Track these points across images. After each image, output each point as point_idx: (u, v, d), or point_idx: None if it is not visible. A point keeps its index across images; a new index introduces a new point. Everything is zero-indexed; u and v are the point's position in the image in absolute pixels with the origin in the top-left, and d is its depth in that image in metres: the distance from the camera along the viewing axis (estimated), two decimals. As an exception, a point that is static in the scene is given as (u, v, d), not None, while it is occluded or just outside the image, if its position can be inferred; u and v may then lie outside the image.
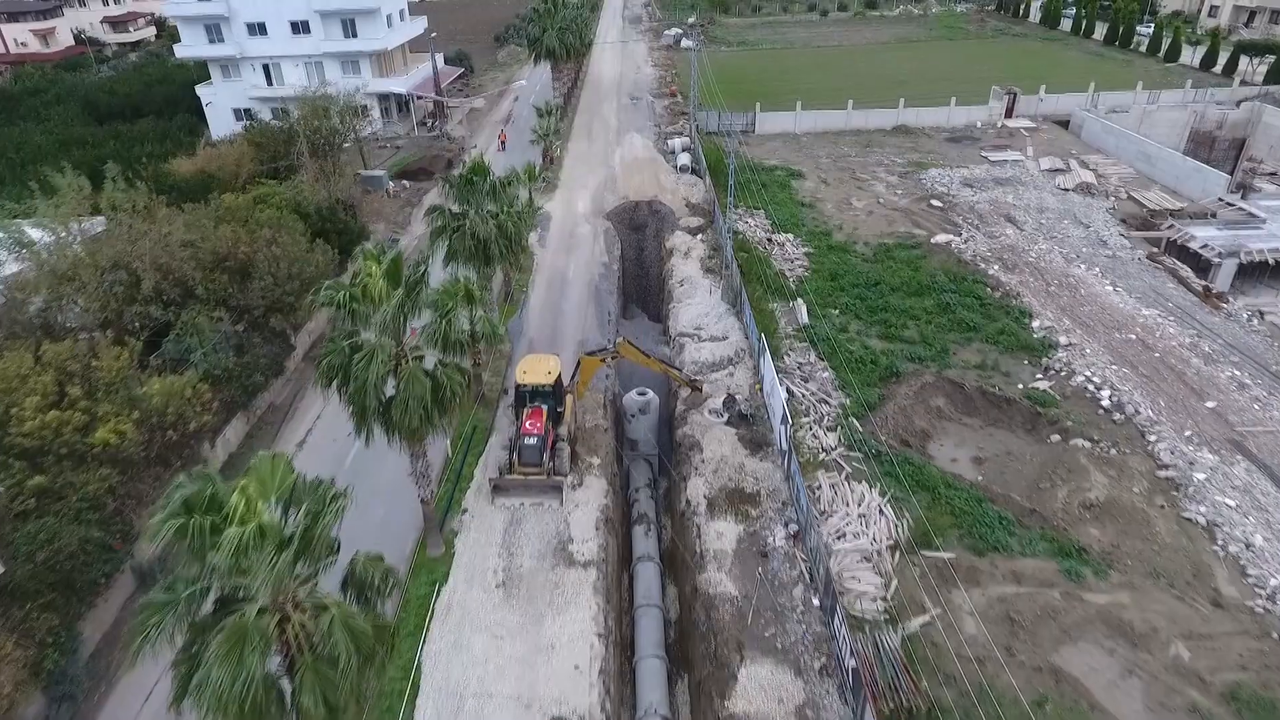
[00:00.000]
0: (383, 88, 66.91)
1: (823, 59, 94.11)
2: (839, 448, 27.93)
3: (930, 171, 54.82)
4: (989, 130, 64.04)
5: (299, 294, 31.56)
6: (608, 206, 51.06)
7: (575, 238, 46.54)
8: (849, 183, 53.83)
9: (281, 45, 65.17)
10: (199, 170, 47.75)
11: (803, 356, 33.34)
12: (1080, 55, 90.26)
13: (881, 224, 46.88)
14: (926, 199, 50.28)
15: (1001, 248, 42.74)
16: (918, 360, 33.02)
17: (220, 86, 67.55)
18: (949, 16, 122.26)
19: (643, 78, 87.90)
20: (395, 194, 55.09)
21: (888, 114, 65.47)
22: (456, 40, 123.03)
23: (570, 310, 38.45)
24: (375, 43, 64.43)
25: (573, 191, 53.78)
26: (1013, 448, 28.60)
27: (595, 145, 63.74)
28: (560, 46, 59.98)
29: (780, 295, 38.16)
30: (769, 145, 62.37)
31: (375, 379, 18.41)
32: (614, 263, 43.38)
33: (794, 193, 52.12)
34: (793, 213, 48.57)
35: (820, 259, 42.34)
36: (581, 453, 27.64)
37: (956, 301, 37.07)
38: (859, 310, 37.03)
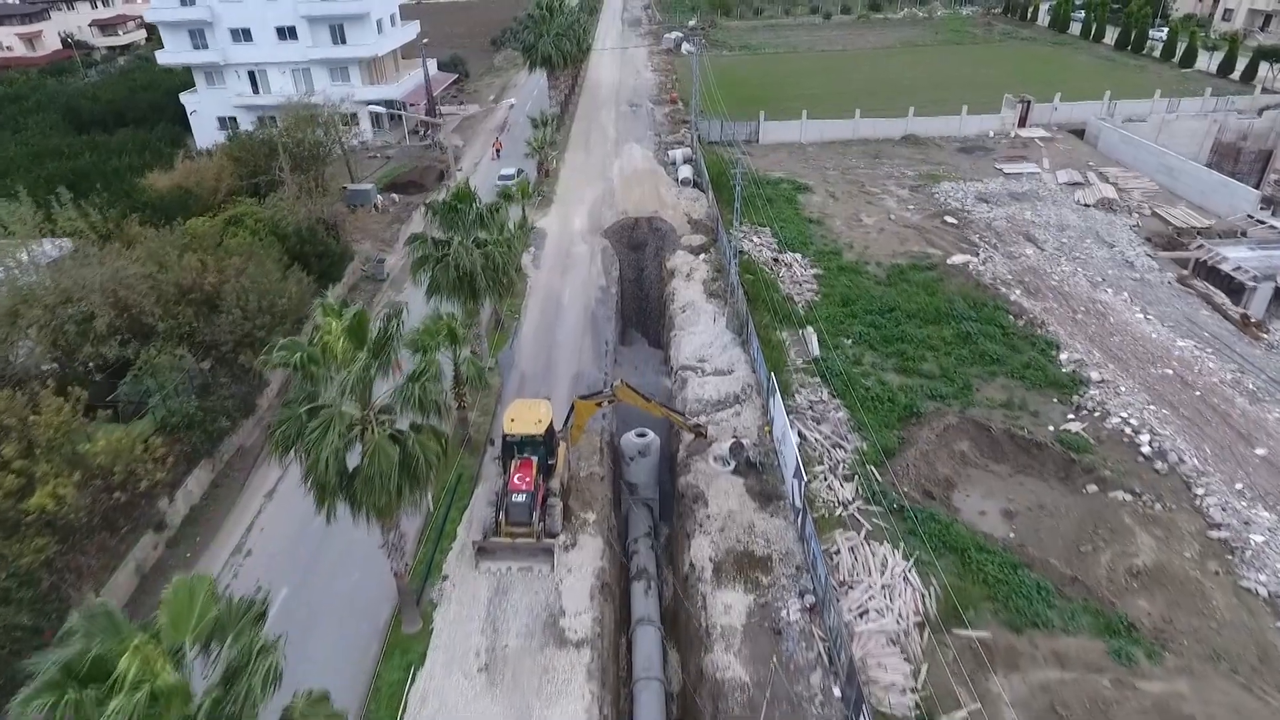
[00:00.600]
0: (373, 95, 64.50)
1: (827, 64, 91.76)
2: (857, 501, 25.54)
3: (943, 185, 52.44)
4: (1002, 140, 61.66)
5: (270, 328, 29.18)
6: (606, 223, 48.69)
7: (571, 257, 44.15)
8: (858, 197, 51.44)
9: (267, 51, 62.82)
10: (175, 185, 45.34)
11: (814, 394, 30.95)
12: (1091, 60, 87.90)
13: (894, 242, 44.50)
14: (940, 215, 47.89)
15: (1022, 270, 40.34)
16: (938, 398, 30.64)
17: (205, 94, 65.23)
18: (954, 20, 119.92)
19: (642, 83, 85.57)
20: (384, 208, 52.70)
21: (896, 123, 63.10)
22: (453, 43, 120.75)
23: (565, 339, 36.05)
24: (365, 49, 62.07)
25: (569, 207, 51.39)
26: (1046, 499, 26.22)
27: (593, 156, 61.36)
28: (557, 54, 57.61)
29: (789, 322, 35.76)
30: (773, 156, 60.00)
31: (333, 452, 16.02)
32: (612, 285, 40.98)
33: (801, 208, 49.74)
34: (800, 230, 46.18)
35: (830, 281, 39.95)
36: (575, 507, 25.27)
37: (977, 331, 34.67)
38: (873, 340, 34.63)
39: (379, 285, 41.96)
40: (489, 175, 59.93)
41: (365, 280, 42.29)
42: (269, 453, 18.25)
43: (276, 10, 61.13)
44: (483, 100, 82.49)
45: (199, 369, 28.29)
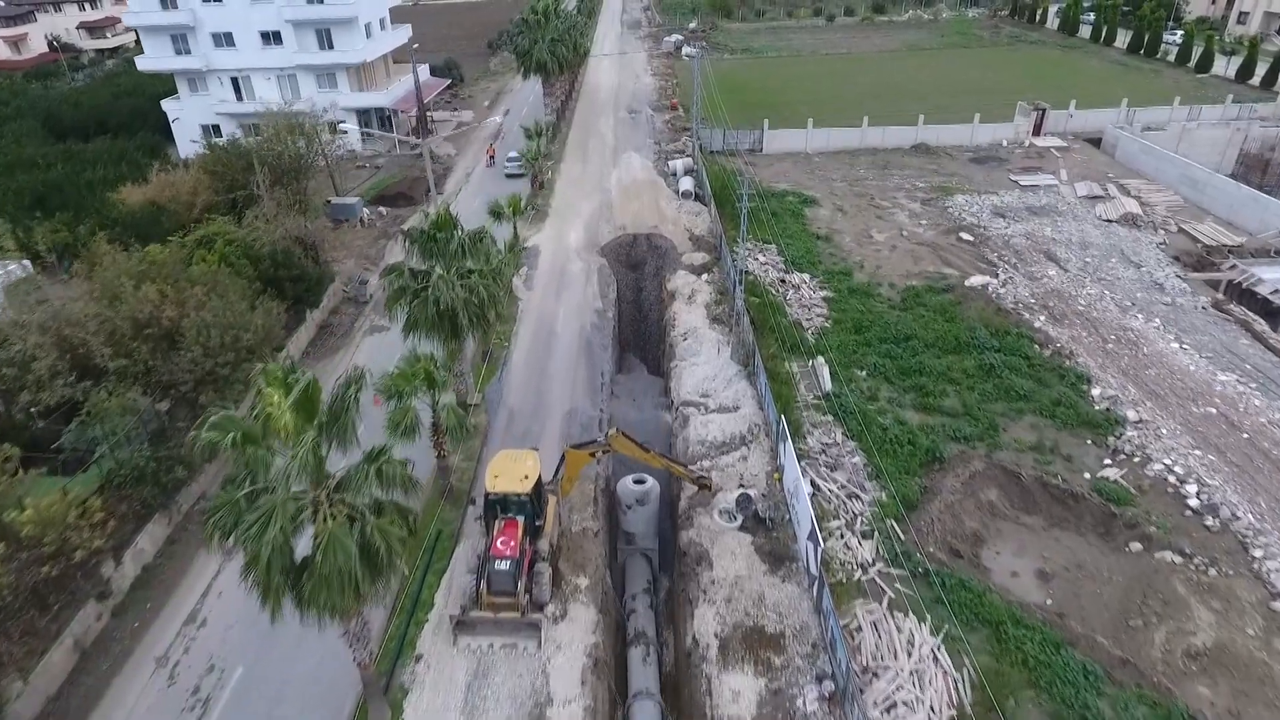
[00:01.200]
0: (361, 102, 62.10)
1: (831, 68, 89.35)
2: (877, 563, 23.10)
3: (956, 198, 49.99)
4: (1016, 150, 59.21)
5: (236, 364, 26.74)
6: (603, 239, 46.25)
7: (566, 277, 41.69)
8: (868, 211, 48.99)
9: (251, 57, 60.39)
10: (148, 201, 42.92)
11: (827, 434, 28.50)
12: (1103, 65, 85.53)
13: (907, 262, 42.05)
14: (955, 231, 45.45)
15: (1045, 293, 37.90)
16: (962, 439, 28.19)
17: (187, 101, 62.82)
18: (960, 22, 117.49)
19: (641, 88, 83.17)
20: (370, 223, 50.26)
21: (906, 132, 60.64)
22: (448, 46, 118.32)
23: (558, 370, 33.58)
24: (353, 55, 59.63)
25: (564, 222, 48.94)
26: (1085, 558, 23.79)
27: (590, 166, 58.91)
28: (552, 60, 55.11)
29: (797, 352, 33.33)
30: (778, 166, 57.56)
31: (276, 548, 13.57)
32: (609, 308, 38.54)
33: (808, 223, 47.30)
34: (808, 247, 43.75)
35: (841, 305, 37.52)
36: (565, 570, 22.82)
37: (1001, 362, 32.20)
38: (889, 372, 32.18)
39: (361, 308, 39.52)
40: (482, 184, 57.62)
41: (347, 302, 39.85)
42: (204, 541, 15.70)
43: (260, 14, 58.69)
44: (477, 106, 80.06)
45: (155, 411, 25.82)
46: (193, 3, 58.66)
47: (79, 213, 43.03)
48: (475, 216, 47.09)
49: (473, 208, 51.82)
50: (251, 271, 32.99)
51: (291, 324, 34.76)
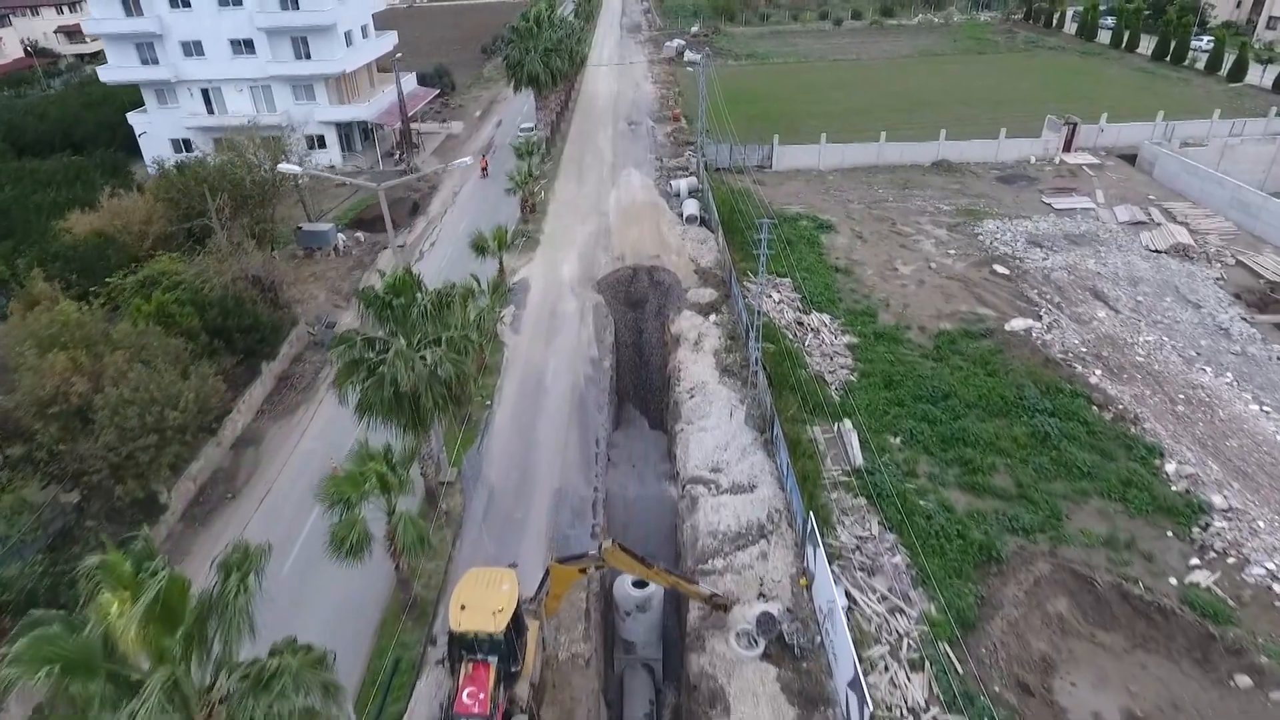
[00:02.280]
0: (341, 115, 57.86)
1: (841, 75, 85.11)
2: (932, 709, 18.84)
3: (986, 224, 45.73)
4: (1045, 168, 54.96)
5: (161, 447, 22.51)
6: (599, 270, 41.99)
7: (558, 317, 37.43)
8: (890, 238, 44.73)
9: (222, 67, 56.16)
10: (96, 231, 38.67)
11: (861, 524, 24.25)
12: (1126, 72, 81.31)
13: (937, 299, 37.81)
14: (987, 263, 41.21)
15: (1098, 340, 33.64)
16: (1021, 531, 23.96)
17: (155, 114, 58.59)
18: (972, 26, 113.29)
19: (642, 96, 78.97)
20: (346, 250, 45.98)
21: (926, 148, 56.40)
22: (442, 50, 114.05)
23: (547, 435, 29.29)
24: (331, 65, 55.38)
25: (557, 250, 44.67)
26: (1181, 694, 19.57)
27: (586, 186, 54.66)
28: (545, 72, 50.83)
29: (820, 412, 29.07)
30: (790, 186, 53.32)
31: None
32: (605, 356, 34.28)
33: (825, 252, 43.05)
34: (826, 281, 39.52)
35: (868, 353, 33.27)
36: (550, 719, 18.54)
37: (1056, 429, 27.95)
38: (927, 440, 27.93)
39: (328, 354, 35.18)
40: (471, 199, 53.47)
41: (312, 349, 35.56)
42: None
43: (231, 21, 54.46)
44: (468, 116, 75.82)
45: (59, 507, 21.56)
46: (159, 8, 54.45)
47: (21, 243, 38.91)
48: (460, 248, 42.97)
49: (459, 232, 47.63)
50: (196, 322, 28.72)
51: (244, 379, 30.50)
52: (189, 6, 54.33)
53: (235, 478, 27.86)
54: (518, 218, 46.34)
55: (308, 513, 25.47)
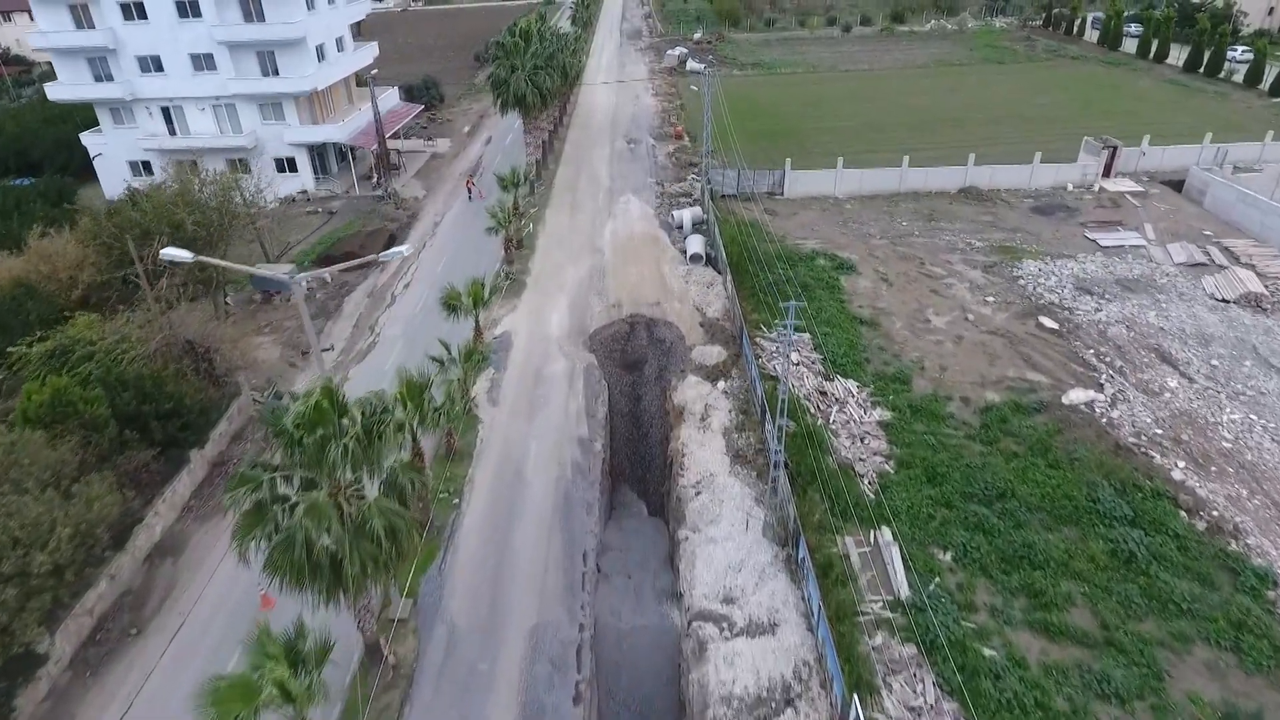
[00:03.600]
0: (312, 137, 52.99)
1: (854, 87, 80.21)
2: None
3: (1026, 264, 40.82)
4: (1084, 196, 50.02)
5: (25, 598, 17.61)
6: (592, 319, 37.11)
7: (544, 382, 32.53)
8: (919, 281, 39.83)
9: (182, 84, 51.31)
10: (17, 279, 33.84)
11: (910, 685, 19.36)
12: (1157, 85, 76.40)
13: (979, 360, 32.91)
14: (1032, 313, 36.32)
15: (1173, 417, 28.74)
16: (1114, 697, 19.08)
17: (111, 135, 53.73)
18: (987, 33, 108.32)
19: (642, 110, 74.06)
20: (310, 293, 41.05)
21: (952, 173, 51.49)
22: (432, 58, 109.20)
23: (525, 547, 24.36)
24: (301, 82, 50.49)
25: (545, 295, 39.77)
26: None
27: (580, 216, 49.74)
28: (533, 93, 45.77)
29: (851, 514, 24.19)
30: (803, 216, 48.43)
31: None
32: (597, 434, 29.38)
33: (847, 299, 38.15)
34: (850, 337, 34.63)
35: (904, 433, 28.39)
36: None
37: (1140, 544, 23.05)
38: (985, 556, 23.06)
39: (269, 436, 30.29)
40: (455, 230, 48.57)
41: (260, 422, 30.66)
42: None
43: (190, 34, 49.59)
44: (455, 132, 70.91)
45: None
46: (112, 20, 49.59)
47: None
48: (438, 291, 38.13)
49: (436, 272, 42.78)
50: (104, 410, 23.87)
51: (166, 474, 25.60)
52: (145, 18, 49.49)
53: (145, 603, 22.98)
54: (500, 259, 41.34)
55: (229, 652, 20.67)
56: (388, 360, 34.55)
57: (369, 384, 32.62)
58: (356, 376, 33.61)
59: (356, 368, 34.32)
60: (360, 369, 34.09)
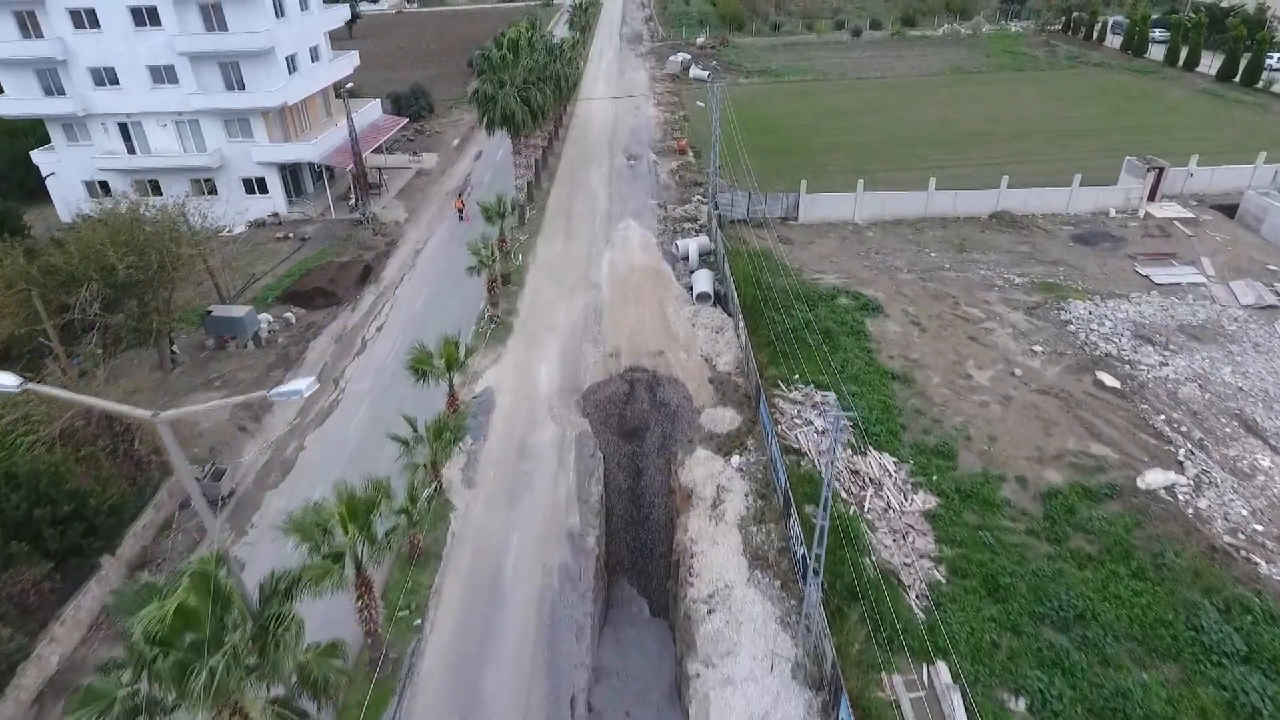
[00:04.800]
0: (282, 156, 48.54)
1: (868, 97, 75.68)
2: None
3: (1074, 306, 36.36)
4: (1129, 223, 45.54)
5: None
6: (586, 372, 32.65)
7: (529, 455, 28.05)
8: (954, 326, 35.36)
9: (140, 99, 46.90)
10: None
11: None
12: (1192, 96, 71.90)
13: (1032, 428, 28.44)
14: (1087, 367, 31.86)
15: (1270, 508, 24.25)
16: None
17: (64, 152, 49.31)
18: (1003, 38, 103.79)
19: (643, 122, 69.59)
20: (270, 337, 36.63)
21: (983, 197, 46.98)
22: (425, 63, 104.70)
23: (499, 690, 19.81)
24: (270, 96, 46.04)
25: (534, 341, 35.31)
26: None
27: (575, 244, 45.28)
28: (523, 111, 41.09)
29: (898, 641, 19.74)
30: (821, 245, 43.94)
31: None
32: (590, 526, 24.93)
33: (874, 347, 33.68)
34: (883, 397, 30.16)
35: (954, 527, 23.95)
36: None
37: (1261, 693, 18.58)
38: (1066, 706, 18.58)
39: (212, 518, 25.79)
40: (438, 258, 44.21)
41: (190, 509, 26.16)
42: None
43: (147, 45, 45.17)
44: (444, 145, 66.46)
45: None
46: (62, 29, 45.15)
47: None
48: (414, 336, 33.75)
49: (414, 311, 38.41)
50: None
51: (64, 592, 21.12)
52: (98, 27, 45.05)
53: (27, 766, 18.52)
54: (484, 302, 36.80)
55: None
56: (352, 422, 30.13)
57: (327, 456, 28.32)
58: (314, 445, 29.19)
59: (315, 433, 29.85)
60: (319, 436, 29.62)
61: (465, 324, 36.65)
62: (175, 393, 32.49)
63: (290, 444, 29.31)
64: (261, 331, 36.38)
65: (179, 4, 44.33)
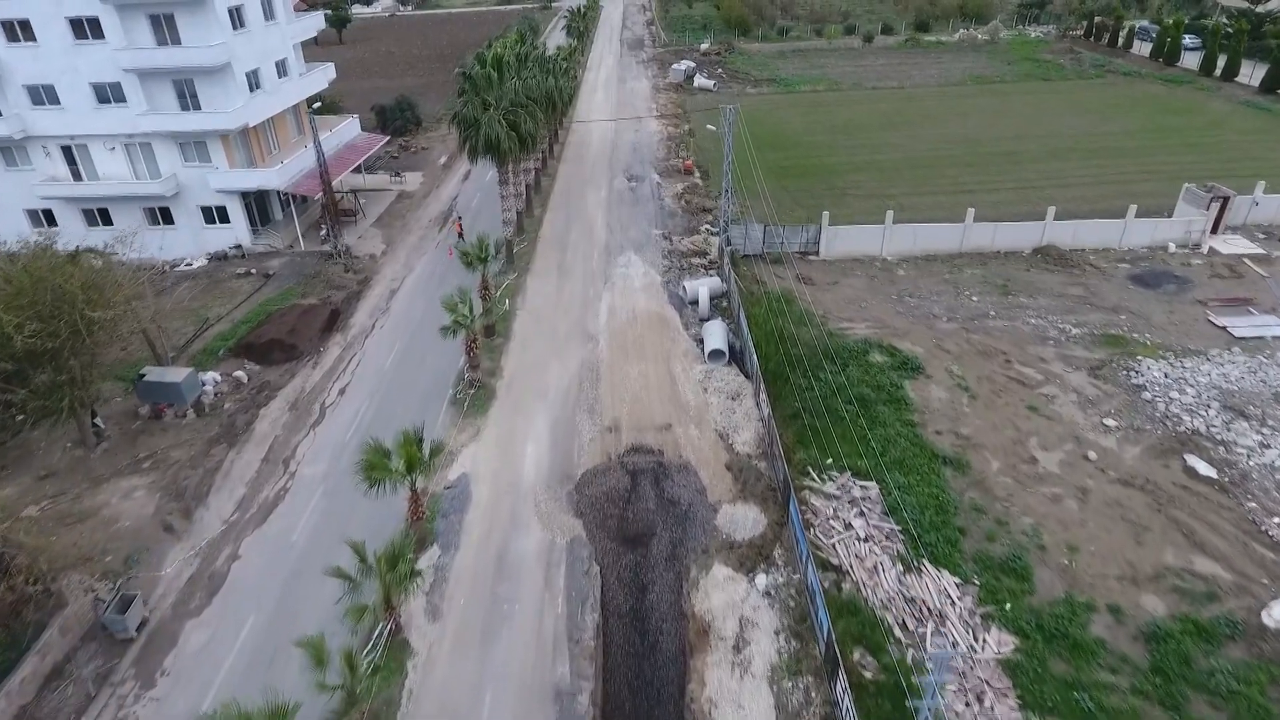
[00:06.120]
0: (242, 183, 43.56)
1: (886, 110, 70.72)
2: None
3: (1146, 367, 31.40)
4: (1191, 259, 40.59)
5: None
6: (581, 456, 27.64)
7: (509, 573, 23.06)
8: (1009, 391, 30.39)
9: (84, 120, 41.95)
10: None
11: None
12: (1233, 108, 67.04)
13: (1119, 533, 23.48)
14: (1173, 448, 26.92)
15: None
16: None
17: (2, 179, 44.24)
18: (1023, 44, 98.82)
19: (645, 139, 64.67)
20: (216, 402, 31.64)
21: (1026, 230, 42.05)
22: (417, 69, 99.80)
23: None
24: (227, 118, 41.09)
25: (519, 410, 30.30)
26: None
27: (570, 283, 40.31)
28: (509, 138, 35.80)
29: None
30: (847, 287, 39.01)
31: None
32: (584, 681, 19.90)
33: (917, 418, 28.73)
34: (933, 489, 25.22)
35: (1039, 684, 19.04)
36: None
37: None
38: None
39: (113, 657, 20.75)
40: (418, 298, 39.25)
41: (89, 642, 21.18)
42: None
43: (90, 61, 40.25)
44: (430, 163, 61.57)
45: None
46: (-6, 43, 40.23)
47: None
48: (383, 401, 28.85)
49: (384, 369, 33.42)
50: None
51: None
52: (33, 40, 40.11)
53: None
54: (462, 363, 31.75)
55: None
56: (298, 523, 25.14)
57: (266, 568, 22.54)
58: (251, 551, 24.20)
59: (254, 535, 24.85)
60: (258, 540, 24.62)
61: (441, 388, 31.73)
62: (96, 477, 27.57)
63: (223, 549, 24.34)
64: (205, 396, 31.42)
65: (124, 14, 39.40)
